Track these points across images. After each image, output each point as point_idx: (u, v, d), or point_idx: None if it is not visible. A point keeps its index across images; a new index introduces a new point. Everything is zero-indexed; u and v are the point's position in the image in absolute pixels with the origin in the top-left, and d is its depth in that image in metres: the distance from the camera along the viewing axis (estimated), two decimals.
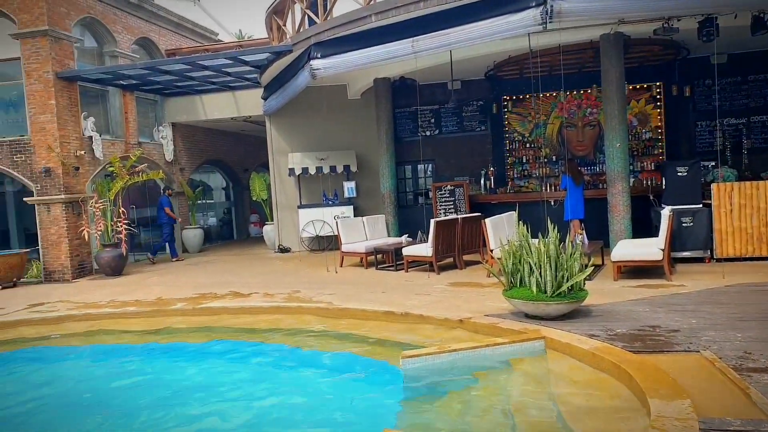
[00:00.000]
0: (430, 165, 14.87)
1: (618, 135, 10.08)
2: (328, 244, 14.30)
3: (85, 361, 7.34)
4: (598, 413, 4.34)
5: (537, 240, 6.48)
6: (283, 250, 14.80)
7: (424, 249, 10.27)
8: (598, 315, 6.44)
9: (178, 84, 14.61)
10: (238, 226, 20.59)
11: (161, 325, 8.16)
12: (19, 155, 12.31)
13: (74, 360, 7.38)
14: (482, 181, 13.61)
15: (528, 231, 6.70)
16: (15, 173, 12.37)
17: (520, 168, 14.08)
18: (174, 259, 14.75)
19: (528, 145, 14.03)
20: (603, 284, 8.19)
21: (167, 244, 14.96)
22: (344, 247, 11.68)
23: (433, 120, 14.70)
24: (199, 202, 16.80)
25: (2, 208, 15.04)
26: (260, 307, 8.37)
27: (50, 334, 8.19)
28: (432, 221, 10.18)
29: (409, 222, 13.29)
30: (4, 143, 12.41)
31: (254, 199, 16.49)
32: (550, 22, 7.90)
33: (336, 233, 12.31)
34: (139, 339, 7.78)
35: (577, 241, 7.61)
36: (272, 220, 15.40)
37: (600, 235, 10.50)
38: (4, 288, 11.74)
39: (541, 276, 6.20)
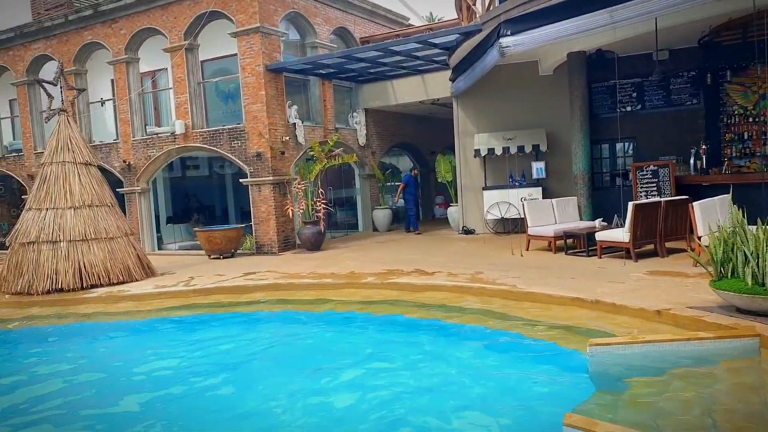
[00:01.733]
0: (631, 143, 13.68)
1: None
2: (513, 227, 13.97)
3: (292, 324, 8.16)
4: None
5: (755, 227, 5.64)
6: (467, 231, 14.80)
7: (621, 234, 9.54)
8: None
9: (371, 71, 15.27)
10: (423, 207, 21.07)
11: (354, 297, 8.70)
12: (235, 141, 13.92)
13: (289, 322, 8.27)
14: (692, 161, 12.15)
15: (744, 216, 5.85)
16: (232, 157, 14.03)
17: (741, 146, 12.31)
18: (415, 232, 15.96)
19: (751, 120, 12.19)
20: None
21: (411, 216, 16.30)
22: (531, 230, 11.31)
23: (634, 94, 13.46)
24: (388, 184, 17.50)
25: (222, 189, 17.26)
26: (443, 286, 8.49)
27: (260, 299, 9.20)
28: (630, 204, 9.40)
29: (604, 205, 12.39)
30: (224, 131, 14.13)
31: (439, 180, 16.73)
32: None
33: (522, 216, 11.96)
34: (323, 308, 8.47)
35: None
36: (457, 202, 15.48)
37: None
38: (224, 258, 13.43)
39: (758, 266, 5.39)
